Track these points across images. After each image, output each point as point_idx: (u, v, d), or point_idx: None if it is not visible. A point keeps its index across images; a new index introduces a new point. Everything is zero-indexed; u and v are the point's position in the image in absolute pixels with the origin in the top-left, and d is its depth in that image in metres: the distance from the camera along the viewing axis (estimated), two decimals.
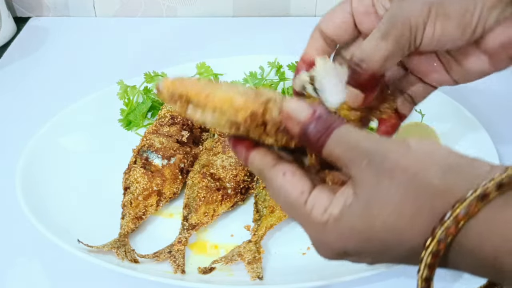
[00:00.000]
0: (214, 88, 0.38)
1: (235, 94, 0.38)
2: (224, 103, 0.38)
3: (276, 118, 0.39)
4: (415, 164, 0.33)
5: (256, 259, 0.58)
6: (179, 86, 0.38)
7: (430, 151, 0.34)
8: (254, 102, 0.38)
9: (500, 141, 0.74)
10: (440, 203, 0.32)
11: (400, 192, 0.33)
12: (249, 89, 0.40)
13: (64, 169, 0.70)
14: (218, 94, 0.38)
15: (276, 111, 0.39)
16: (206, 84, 0.39)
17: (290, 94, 0.82)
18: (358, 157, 0.35)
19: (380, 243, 0.34)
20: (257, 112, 0.38)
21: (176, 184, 0.67)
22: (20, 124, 0.83)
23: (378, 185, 0.34)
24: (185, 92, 0.38)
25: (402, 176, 0.33)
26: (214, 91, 0.38)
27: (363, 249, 0.35)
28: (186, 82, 0.39)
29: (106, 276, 0.60)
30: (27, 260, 0.62)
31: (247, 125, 0.38)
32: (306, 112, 0.37)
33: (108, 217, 0.64)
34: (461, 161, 0.34)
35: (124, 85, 0.81)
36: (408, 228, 0.33)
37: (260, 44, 1.03)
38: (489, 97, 0.86)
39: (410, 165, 0.33)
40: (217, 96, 0.38)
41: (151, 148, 0.68)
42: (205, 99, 0.38)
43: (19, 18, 1.12)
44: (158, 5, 1.11)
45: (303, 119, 0.37)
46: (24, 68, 0.98)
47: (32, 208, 0.61)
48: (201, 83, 0.39)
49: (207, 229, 0.64)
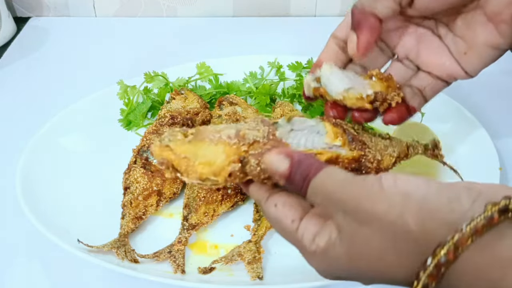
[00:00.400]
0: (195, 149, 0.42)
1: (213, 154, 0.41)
2: (203, 169, 0.41)
3: (255, 171, 0.42)
4: (390, 211, 0.34)
5: (256, 259, 0.58)
6: (165, 154, 0.42)
7: (406, 194, 0.34)
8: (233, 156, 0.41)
9: (500, 141, 0.74)
10: (421, 249, 0.32)
11: (379, 239, 0.34)
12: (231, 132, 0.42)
13: (64, 169, 0.70)
14: (197, 161, 0.41)
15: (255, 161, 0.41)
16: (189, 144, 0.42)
17: (290, 95, 0.82)
18: (334, 207, 0.37)
19: (368, 277, 0.37)
20: (234, 171, 0.41)
21: (176, 184, 0.67)
22: (20, 124, 0.83)
23: (358, 232, 0.35)
24: (171, 162, 0.42)
25: (379, 224, 0.34)
26: (195, 155, 0.42)
27: (353, 278, 0.38)
28: (173, 145, 0.42)
29: (106, 276, 0.60)
30: (27, 260, 0.62)
31: (229, 182, 0.42)
32: (285, 165, 0.39)
33: (108, 217, 0.64)
34: (439, 203, 0.33)
35: (124, 85, 0.81)
36: (392, 271, 0.35)
37: (260, 44, 1.03)
38: (489, 97, 0.86)
39: (385, 212, 0.34)
40: (196, 163, 0.41)
41: None
42: (186, 169, 0.41)
43: (19, 18, 1.12)
44: (158, 5, 1.11)
45: (284, 172, 0.39)
46: (24, 68, 0.98)
47: (32, 208, 0.61)
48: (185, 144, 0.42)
49: (207, 229, 0.64)
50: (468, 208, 0.32)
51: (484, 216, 0.31)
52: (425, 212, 0.33)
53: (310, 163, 0.39)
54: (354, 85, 0.49)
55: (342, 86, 0.48)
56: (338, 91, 0.48)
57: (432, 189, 0.34)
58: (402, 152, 0.53)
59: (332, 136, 0.46)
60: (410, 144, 0.55)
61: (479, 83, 0.56)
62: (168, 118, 0.73)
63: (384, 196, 0.34)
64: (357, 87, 0.49)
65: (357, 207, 0.35)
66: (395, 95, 0.50)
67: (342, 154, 0.46)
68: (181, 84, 0.84)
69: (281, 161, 0.40)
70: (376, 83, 0.50)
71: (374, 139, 0.51)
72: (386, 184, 0.35)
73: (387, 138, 0.53)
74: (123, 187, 0.66)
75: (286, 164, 0.39)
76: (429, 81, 0.53)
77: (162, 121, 0.73)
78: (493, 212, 0.31)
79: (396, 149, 0.52)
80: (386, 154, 0.50)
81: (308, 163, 0.39)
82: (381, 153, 0.49)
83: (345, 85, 0.48)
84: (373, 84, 0.50)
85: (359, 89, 0.49)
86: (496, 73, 0.89)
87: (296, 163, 0.39)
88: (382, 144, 0.51)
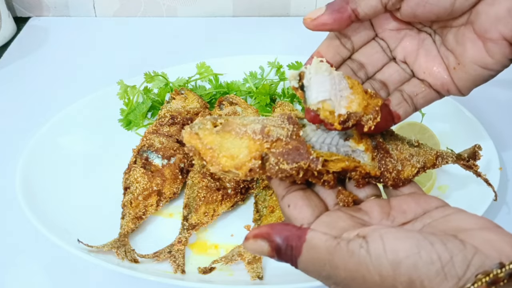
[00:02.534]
0: (221, 140, 0.44)
1: (237, 148, 0.43)
2: (226, 162, 0.43)
3: (273, 170, 0.43)
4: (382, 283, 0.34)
5: (256, 259, 0.58)
6: (194, 142, 0.44)
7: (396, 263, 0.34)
8: (255, 152, 0.43)
9: (501, 141, 0.74)
10: None
11: None
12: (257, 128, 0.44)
13: (64, 169, 0.70)
14: (222, 153, 0.43)
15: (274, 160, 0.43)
16: (217, 134, 0.44)
17: (290, 95, 0.82)
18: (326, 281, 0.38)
19: None
20: (254, 168, 0.43)
21: (176, 184, 0.67)
22: (20, 124, 0.83)
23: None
24: (198, 150, 0.44)
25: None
26: (220, 147, 0.43)
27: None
28: (202, 134, 0.44)
29: (106, 276, 0.60)
30: (27, 260, 0.62)
31: (250, 176, 0.43)
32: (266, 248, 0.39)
33: (108, 217, 0.64)
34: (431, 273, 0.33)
35: (124, 85, 0.81)
36: None
37: (260, 44, 1.03)
38: (489, 97, 0.86)
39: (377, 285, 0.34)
40: (220, 155, 0.43)
41: (151, 148, 0.68)
42: (211, 159, 0.43)
43: (19, 18, 1.12)
44: (158, 5, 1.11)
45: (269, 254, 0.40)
46: (24, 68, 0.98)
47: (32, 208, 0.61)
48: (213, 134, 0.44)
49: (207, 229, 0.64)
50: (461, 276, 0.32)
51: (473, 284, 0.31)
52: (417, 284, 0.33)
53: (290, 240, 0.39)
54: (333, 95, 0.46)
55: (319, 95, 0.45)
56: (312, 101, 0.45)
57: (424, 254, 0.33)
58: (429, 162, 0.51)
59: (357, 140, 0.46)
60: (440, 154, 0.52)
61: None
62: (168, 118, 0.73)
63: (374, 268, 0.34)
64: (334, 99, 0.46)
65: (347, 280, 0.35)
66: (370, 119, 0.47)
67: (360, 164, 0.46)
68: (181, 84, 0.84)
69: (261, 246, 0.40)
70: (355, 100, 0.47)
71: (401, 147, 0.49)
72: (374, 252, 0.34)
73: (416, 146, 0.51)
74: (123, 187, 0.66)
75: (266, 247, 0.39)
76: (422, 89, 0.52)
77: (162, 121, 0.73)
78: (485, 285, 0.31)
79: (422, 158, 0.50)
80: (408, 165, 0.48)
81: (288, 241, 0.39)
82: (403, 163, 0.48)
83: (322, 93, 0.45)
84: (352, 100, 0.47)
85: (335, 102, 0.46)
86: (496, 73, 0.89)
87: (276, 247, 0.39)
88: (407, 153, 0.49)
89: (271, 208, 0.62)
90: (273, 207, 0.62)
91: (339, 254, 0.36)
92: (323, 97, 0.45)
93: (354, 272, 0.35)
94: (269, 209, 0.62)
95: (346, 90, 0.47)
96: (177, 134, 0.71)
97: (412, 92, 0.52)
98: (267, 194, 0.64)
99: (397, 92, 0.52)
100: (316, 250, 0.38)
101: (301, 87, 0.46)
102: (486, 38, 0.46)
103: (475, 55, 0.47)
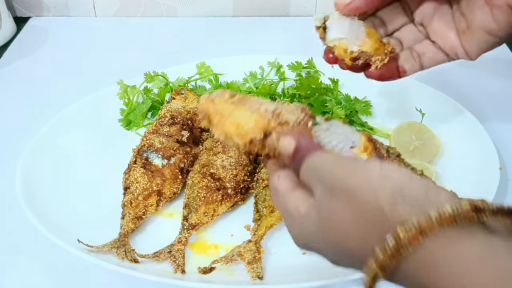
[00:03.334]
0: (233, 110, 0.46)
1: (245, 119, 0.46)
2: (231, 128, 0.46)
3: (271, 145, 0.45)
4: (365, 185, 0.35)
5: (256, 259, 0.58)
6: (207, 106, 0.47)
7: (386, 176, 0.35)
8: (260, 127, 0.45)
9: (500, 141, 0.74)
10: (386, 228, 0.32)
11: (349, 212, 0.35)
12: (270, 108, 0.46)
13: (64, 169, 0.70)
14: (229, 119, 0.46)
15: (276, 137, 0.45)
16: (231, 104, 0.46)
17: (290, 94, 0.82)
18: (317, 182, 0.39)
19: (334, 251, 0.38)
20: (255, 140, 0.45)
21: (176, 184, 0.67)
22: (20, 124, 0.83)
23: (331, 204, 0.37)
24: (209, 114, 0.46)
25: (352, 196, 0.35)
26: (230, 115, 0.46)
27: (319, 249, 0.40)
28: (217, 100, 0.47)
29: (106, 276, 0.60)
30: (27, 260, 0.62)
31: (248, 147, 0.46)
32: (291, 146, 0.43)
33: (108, 217, 0.64)
34: (416, 191, 0.33)
35: (124, 85, 0.81)
36: (356, 247, 0.35)
37: (260, 44, 1.03)
38: (489, 97, 0.86)
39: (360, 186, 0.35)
40: (227, 121, 0.46)
41: (151, 148, 0.68)
42: (217, 123, 0.46)
43: (19, 18, 1.12)
44: (158, 5, 1.11)
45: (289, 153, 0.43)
46: (24, 68, 0.98)
47: (32, 208, 0.61)
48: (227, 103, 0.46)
49: (207, 229, 0.64)
50: (445, 201, 0.32)
51: (457, 208, 0.31)
52: (399, 195, 0.33)
53: (310, 147, 0.42)
54: (349, 36, 0.52)
55: (337, 34, 0.52)
56: (330, 38, 0.52)
57: (414, 179, 0.34)
58: None
59: (361, 149, 0.47)
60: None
61: (479, 83, 0.57)
62: (168, 118, 0.73)
63: (363, 173, 0.36)
64: (350, 39, 0.52)
65: (336, 181, 0.37)
66: (379, 59, 0.53)
67: None
68: (181, 84, 0.84)
69: (289, 143, 0.43)
70: (368, 42, 0.53)
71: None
72: (371, 166, 0.36)
73: (420, 175, 0.53)
74: (123, 187, 0.66)
75: (292, 146, 0.43)
76: (431, 49, 0.57)
77: (162, 121, 0.73)
78: (468, 206, 0.31)
79: None
80: None
81: (309, 147, 0.42)
82: None
83: (340, 34, 0.52)
84: (365, 42, 0.53)
85: (350, 41, 0.52)
86: (497, 73, 0.89)
87: (299, 146, 0.43)
88: None
89: (271, 208, 0.62)
90: (273, 207, 0.62)
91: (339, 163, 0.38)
92: (339, 36, 0.52)
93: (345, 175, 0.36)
94: (269, 209, 0.62)
95: (362, 34, 0.53)
96: (177, 134, 0.71)
97: (421, 51, 0.57)
98: (267, 194, 0.64)
99: (407, 50, 0.58)
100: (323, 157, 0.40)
101: (323, 28, 0.52)
102: (493, 4, 0.50)
103: (482, 20, 0.52)
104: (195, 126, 0.74)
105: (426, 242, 0.31)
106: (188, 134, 0.72)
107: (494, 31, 0.52)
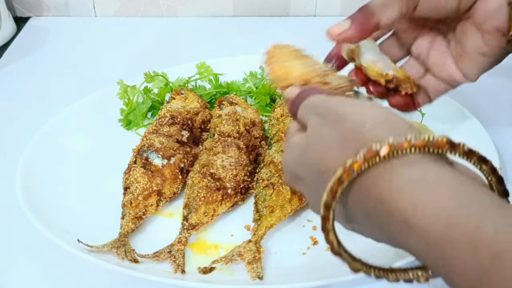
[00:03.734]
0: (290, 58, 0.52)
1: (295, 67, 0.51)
2: (280, 70, 0.51)
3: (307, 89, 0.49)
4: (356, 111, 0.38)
5: (256, 259, 0.58)
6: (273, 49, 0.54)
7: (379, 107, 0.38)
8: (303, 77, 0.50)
9: (500, 141, 0.74)
10: (361, 146, 0.34)
11: (335, 136, 0.37)
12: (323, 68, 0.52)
13: (64, 169, 0.70)
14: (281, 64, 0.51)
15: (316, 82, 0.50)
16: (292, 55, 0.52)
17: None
18: (311, 114, 0.42)
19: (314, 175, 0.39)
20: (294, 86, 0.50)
21: (176, 184, 0.67)
22: (20, 124, 0.83)
23: (321, 131, 0.39)
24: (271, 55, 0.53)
25: (340, 121, 0.38)
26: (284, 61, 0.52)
27: (304, 173, 0.41)
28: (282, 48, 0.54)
29: (106, 276, 0.60)
30: (27, 260, 0.62)
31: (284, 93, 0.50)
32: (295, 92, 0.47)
33: (108, 217, 0.64)
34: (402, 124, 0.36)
35: (124, 85, 0.81)
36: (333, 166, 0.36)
37: (260, 44, 1.03)
38: (489, 97, 0.86)
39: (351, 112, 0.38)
40: (280, 64, 0.51)
41: (151, 148, 0.68)
42: (270, 63, 0.52)
43: (19, 18, 1.12)
44: (158, 5, 1.11)
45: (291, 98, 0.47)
46: (24, 68, 0.98)
47: (32, 208, 0.61)
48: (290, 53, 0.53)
49: (207, 229, 0.64)
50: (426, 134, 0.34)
51: (434, 137, 0.33)
52: (384, 123, 0.36)
53: (311, 92, 0.45)
54: (383, 61, 0.56)
55: (372, 57, 0.55)
56: (368, 58, 0.55)
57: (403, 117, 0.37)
58: None
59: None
60: None
61: (479, 83, 0.57)
62: (168, 118, 0.73)
63: (357, 105, 0.39)
64: (384, 64, 0.56)
65: (329, 110, 0.40)
66: (409, 87, 0.56)
67: None
68: (181, 84, 0.84)
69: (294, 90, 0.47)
70: (400, 72, 0.56)
71: None
72: (365, 102, 0.39)
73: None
74: (123, 187, 0.66)
75: (296, 91, 0.47)
76: (433, 82, 0.59)
77: (162, 121, 0.73)
78: (444, 139, 0.33)
79: None
80: None
81: (310, 92, 0.45)
82: None
83: (375, 57, 0.56)
84: (397, 70, 0.56)
85: (384, 66, 0.56)
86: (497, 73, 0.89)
87: (302, 91, 0.46)
88: None
89: (271, 208, 0.62)
90: (273, 207, 0.62)
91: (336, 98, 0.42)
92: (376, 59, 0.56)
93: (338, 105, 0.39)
94: (269, 209, 0.62)
95: (391, 63, 0.57)
96: (177, 134, 0.71)
97: (425, 84, 0.59)
98: (267, 194, 0.64)
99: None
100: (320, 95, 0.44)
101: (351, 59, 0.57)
102: (483, 30, 0.53)
103: (476, 44, 0.54)
104: (195, 126, 0.74)
105: (394, 161, 0.33)
106: (188, 134, 0.72)
107: (489, 53, 0.54)
